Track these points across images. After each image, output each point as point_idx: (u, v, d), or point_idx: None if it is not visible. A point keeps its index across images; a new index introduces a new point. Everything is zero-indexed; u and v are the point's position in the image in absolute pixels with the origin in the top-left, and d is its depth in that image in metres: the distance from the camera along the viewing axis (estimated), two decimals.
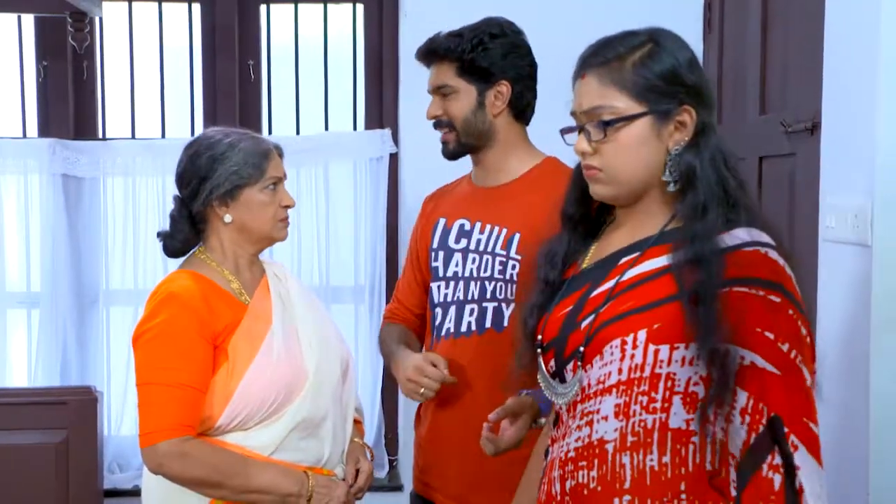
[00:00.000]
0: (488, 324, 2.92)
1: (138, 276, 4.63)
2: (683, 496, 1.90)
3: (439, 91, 2.98)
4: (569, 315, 2.09)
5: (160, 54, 4.77)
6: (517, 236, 2.88)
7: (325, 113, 4.82)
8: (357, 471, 2.85)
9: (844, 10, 2.87)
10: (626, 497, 1.93)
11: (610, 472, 1.96)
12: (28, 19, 4.69)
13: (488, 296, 2.92)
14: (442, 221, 3.05)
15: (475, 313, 2.93)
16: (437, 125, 3.01)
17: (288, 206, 2.80)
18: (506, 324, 2.87)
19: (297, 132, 4.80)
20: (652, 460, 1.91)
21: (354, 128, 4.81)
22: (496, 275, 2.90)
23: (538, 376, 2.17)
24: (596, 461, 1.98)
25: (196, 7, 4.75)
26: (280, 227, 2.80)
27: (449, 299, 2.99)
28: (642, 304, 1.97)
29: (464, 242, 2.98)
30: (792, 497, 1.84)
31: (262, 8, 4.77)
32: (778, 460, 1.85)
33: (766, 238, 1.95)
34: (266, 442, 2.67)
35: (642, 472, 1.92)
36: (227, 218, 2.75)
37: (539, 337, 2.14)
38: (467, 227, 2.99)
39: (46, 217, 4.60)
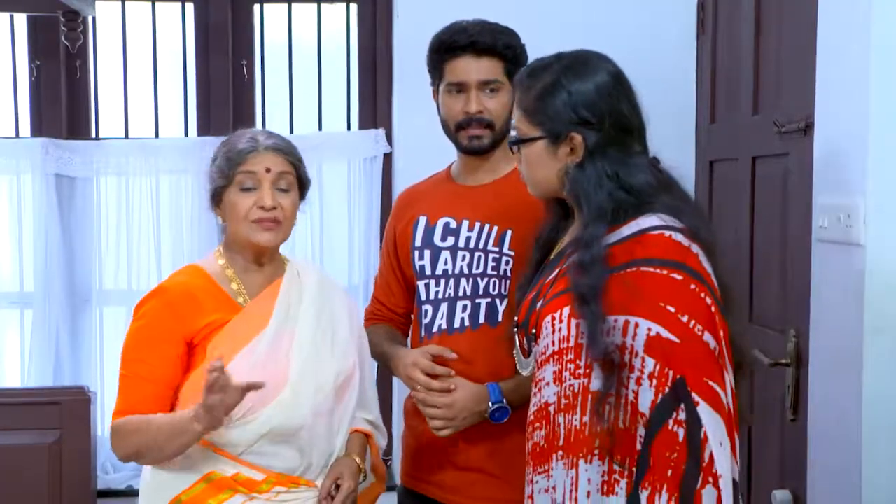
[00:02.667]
0: (482, 319, 2.94)
1: (132, 276, 4.63)
2: (597, 451, 2.15)
3: (486, 85, 2.95)
4: (532, 300, 2.42)
5: (153, 54, 4.76)
6: (509, 232, 2.93)
7: (319, 113, 4.82)
8: (338, 486, 2.78)
9: (837, 10, 2.86)
10: (560, 453, 2.23)
11: (552, 432, 2.27)
12: (21, 19, 4.68)
13: (481, 292, 2.94)
14: (423, 220, 3.06)
15: (468, 309, 2.95)
16: (475, 121, 2.96)
17: (265, 207, 2.70)
18: (500, 319, 2.90)
19: (291, 132, 4.77)
20: (577, 420, 2.19)
21: (348, 127, 4.80)
22: (489, 271, 2.94)
23: (514, 352, 2.56)
24: (543, 422, 2.30)
25: (189, 6, 4.73)
26: (255, 229, 2.72)
27: (440, 296, 3.01)
28: (568, 286, 2.27)
29: (451, 240, 2.99)
30: (695, 447, 2.07)
31: (256, 7, 4.76)
32: (682, 416, 2.08)
33: (675, 223, 2.23)
34: (234, 442, 2.66)
35: (569, 431, 2.21)
36: (219, 220, 2.78)
37: (515, 318, 2.50)
38: (453, 225, 3.01)
39: (39, 217, 4.59)
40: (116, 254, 4.65)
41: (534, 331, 2.37)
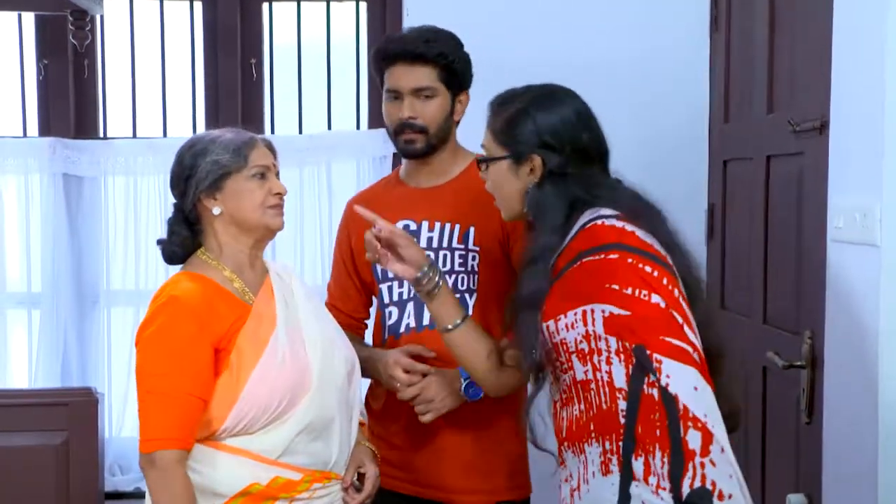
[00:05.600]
0: None
1: (139, 276, 4.62)
2: (593, 434, 2.30)
3: (419, 93, 3.03)
4: None
5: (162, 52, 4.76)
6: (472, 229, 3.05)
7: (328, 112, 4.81)
8: (360, 475, 2.83)
9: (853, 6, 2.85)
10: (566, 442, 2.40)
11: (557, 427, 2.45)
12: (28, 17, 4.69)
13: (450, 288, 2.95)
14: (401, 224, 3.06)
15: None
16: (407, 127, 3.05)
17: (279, 194, 2.74)
18: (470, 313, 2.94)
19: (300, 131, 4.78)
20: (575, 410, 2.36)
21: (357, 127, 4.79)
22: (457, 267, 3.05)
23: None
24: (555, 419, 2.47)
25: (198, 5, 4.73)
26: (272, 214, 2.73)
27: (405, 297, 3.10)
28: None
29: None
30: (669, 402, 2.19)
31: (265, 6, 4.75)
32: (653, 378, 2.22)
33: (605, 211, 2.42)
34: (272, 446, 2.64)
35: (571, 422, 2.37)
36: (216, 210, 2.71)
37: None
38: (413, 227, 3.08)
39: (47, 217, 4.60)
40: (124, 254, 4.65)
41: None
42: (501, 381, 2.78)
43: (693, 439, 2.17)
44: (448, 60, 3.03)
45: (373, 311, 3.28)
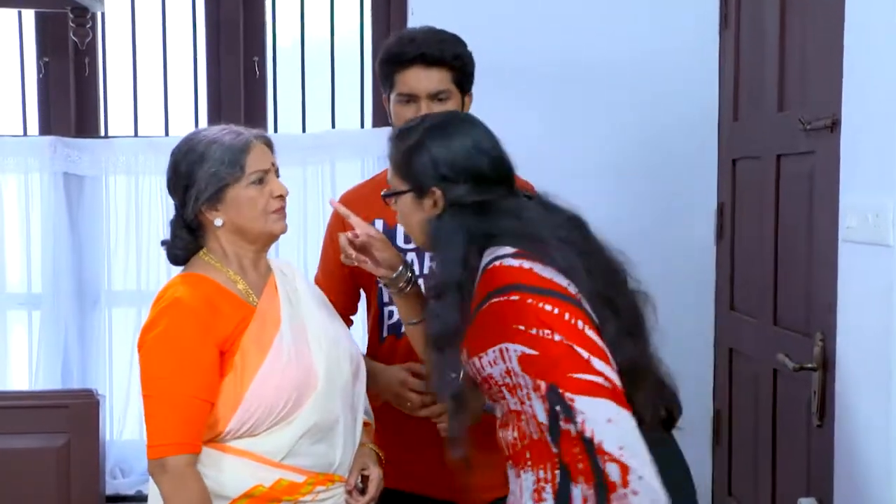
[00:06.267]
0: None
1: (141, 276, 4.61)
2: (529, 462, 2.36)
3: (435, 96, 3.03)
4: None
5: (163, 50, 4.74)
6: None
7: (332, 110, 4.78)
8: (364, 478, 2.82)
9: (864, 3, 2.83)
10: (510, 462, 2.45)
11: (501, 445, 2.47)
12: (28, 15, 4.67)
13: None
14: (380, 223, 3.10)
15: None
16: None
17: (280, 196, 2.72)
18: None
19: (304, 130, 4.76)
20: (510, 435, 2.41)
21: (362, 125, 4.77)
22: None
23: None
24: (498, 434, 2.50)
25: (200, 2, 4.71)
26: (274, 220, 2.71)
27: None
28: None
29: (414, 243, 3.03)
30: (586, 438, 2.22)
31: (268, 3, 4.73)
32: (567, 415, 2.25)
33: (503, 251, 2.42)
34: (276, 447, 2.63)
35: (508, 444, 2.43)
36: (218, 221, 2.68)
37: None
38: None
39: (47, 216, 4.58)
40: (126, 254, 4.63)
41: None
42: None
43: (612, 471, 2.21)
44: (462, 62, 3.05)
45: (361, 306, 3.29)
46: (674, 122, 4.33)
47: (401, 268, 2.75)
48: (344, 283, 3.21)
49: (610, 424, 2.22)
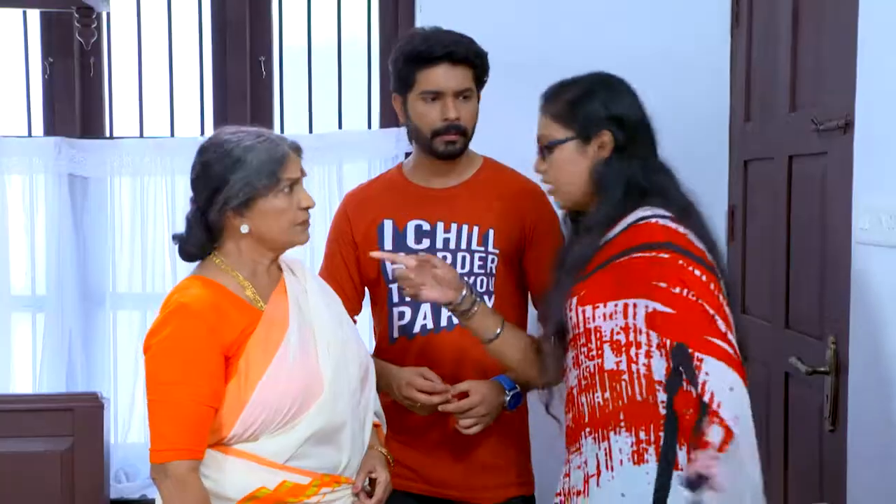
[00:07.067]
0: None
1: (146, 278, 4.60)
2: (622, 423, 2.44)
3: (461, 94, 3.06)
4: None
5: (169, 50, 4.72)
6: (491, 231, 3.12)
7: (339, 111, 4.76)
8: (372, 480, 2.81)
9: (879, 2, 2.82)
10: (588, 429, 2.51)
11: (577, 413, 2.56)
12: (34, 15, 4.66)
13: None
14: (388, 223, 3.17)
15: None
16: (453, 128, 3.08)
17: (308, 207, 2.72)
18: None
19: (310, 131, 4.74)
20: (599, 397, 2.48)
21: (369, 126, 4.75)
22: (476, 269, 3.10)
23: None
24: (570, 405, 2.61)
25: (206, 2, 4.69)
26: (299, 231, 2.72)
27: None
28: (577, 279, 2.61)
29: (426, 242, 3.13)
30: (704, 405, 2.31)
31: (274, 2, 4.71)
32: (690, 376, 2.34)
33: (662, 212, 2.52)
34: (279, 450, 2.62)
35: (592, 409, 2.50)
36: (244, 228, 2.66)
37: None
38: (426, 227, 3.14)
39: (52, 218, 4.57)
40: (131, 256, 4.62)
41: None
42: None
43: (715, 433, 2.30)
44: (483, 61, 3.10)
45: (366, 304, 3.31)
46: (684, 123, 4.28)
47: (464, 290, 2.78)
48: (348, 284, 3.22)
49: (732, 392, 2.32)
